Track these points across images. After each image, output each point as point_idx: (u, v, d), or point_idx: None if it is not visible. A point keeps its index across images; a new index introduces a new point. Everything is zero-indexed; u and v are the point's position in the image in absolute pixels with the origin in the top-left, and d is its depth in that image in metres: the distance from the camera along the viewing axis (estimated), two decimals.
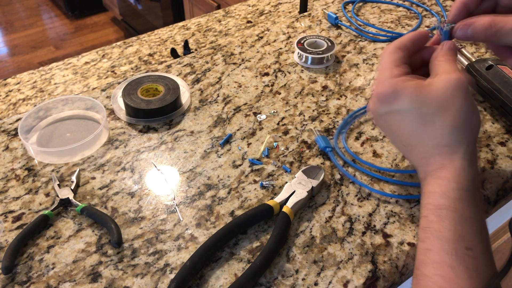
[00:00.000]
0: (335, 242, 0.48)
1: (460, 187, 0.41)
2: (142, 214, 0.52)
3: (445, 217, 0.40)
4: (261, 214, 0.50)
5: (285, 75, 0.72)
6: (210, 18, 1.11)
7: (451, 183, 0.41)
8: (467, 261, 0.38)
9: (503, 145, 0.59)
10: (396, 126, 0.46)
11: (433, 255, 0.39)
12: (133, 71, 0.94)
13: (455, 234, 0.39)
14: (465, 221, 0.40)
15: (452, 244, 0.39)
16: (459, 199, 0.41)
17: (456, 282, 0.37)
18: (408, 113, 0.44)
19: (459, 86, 0.42)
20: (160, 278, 0.45)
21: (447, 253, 0.39)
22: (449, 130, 0.42)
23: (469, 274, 0.38)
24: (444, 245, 0.39)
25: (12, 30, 3.17)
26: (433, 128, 0.43)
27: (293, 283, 0.45)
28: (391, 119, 0.46)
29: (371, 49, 0.78)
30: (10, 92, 0.91)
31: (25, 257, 0.48)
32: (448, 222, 0.40)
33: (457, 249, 0.39)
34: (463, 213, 0.40)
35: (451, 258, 0.38)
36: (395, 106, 0.44)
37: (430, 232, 0.41)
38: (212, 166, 0.57)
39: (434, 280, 0.38)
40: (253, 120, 0.64)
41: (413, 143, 0.45)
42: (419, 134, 0.44)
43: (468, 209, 0.41)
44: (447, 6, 0.89)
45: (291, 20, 0.86)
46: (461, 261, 0.38)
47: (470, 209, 0.41)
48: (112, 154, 0.59)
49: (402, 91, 0.43)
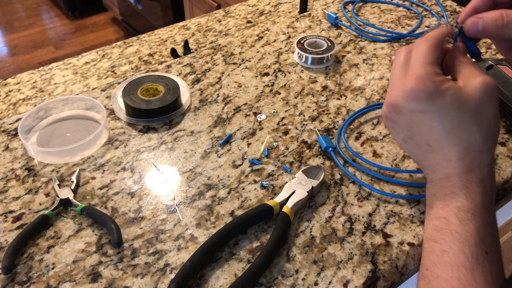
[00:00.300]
0: (335, 242, 0.48)
1: (485, 192, 0.42)
2: (142, 214, 0.52)
3: (468, 219, 0.41)
4: (261, 214, 0.50)
5: (285, 75, 0.72)
6: (210, 18, 1.11)
7: (478, 188, 0.42)
8: (484, 265, 0.38)
9: (503, 145, 0.59)
10: (427, 125, 0.44)
11: (450, 257, 0.40)
12: (133, 71, 0.94)
13: (477, 237, 0.40)
14: (486, 226, 0.41)
15: (472, 247, 0.39)
16: (483, 204, 0.41)
17: (472, 285, 0.37)
18: (447, 114, 0.43)
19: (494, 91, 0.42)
20: (160, 278, 0.45)
21: (466, 256, 0.39)
22: (483, 136, 0.43)
23: (486, 277, 0.38)
24: (465, 247, 0.39)
25: (12, 30, 3.17)
26: (469, 132, 0.43)
27: (293, 283, 0.45)
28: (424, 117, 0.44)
29: (371, 49, 0.78)
30: (10, 92, 0.91)
31: (25, 257, 0.48)
32: (472, 225, 0.40)
33: (477, 252, 0.39)
34: (486, 217, 0.41)
35: (470, 261, 0.39)
36: (434, 105, 0.43)
37: (448, 234, 0.41)
38: (212, 166, 0.57)
39: (449, 282, 0.38)
40: (253, 120, 0.64)
41: (442, 144, 0.44)
42: (452, 136, 0.43)
43: (489, 214, 0.42)
44: (447, 6, 0.89)
45: (291, 20, 0.86)
46: (479, 264, 0.38)
47: (491, 215, 0.42)
48: (112, 154, 0.59)
49: (445, 91, 0.42)
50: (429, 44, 0.45)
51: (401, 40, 0.80)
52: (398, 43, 0.79)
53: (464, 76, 0.44)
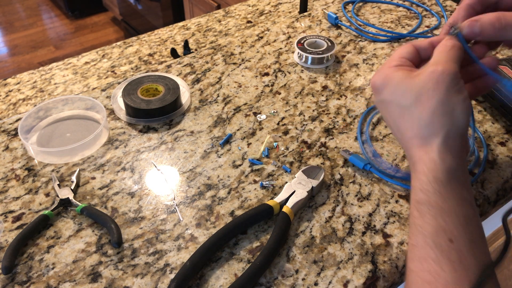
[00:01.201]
0: (335, 242, 0.48)
1: (436, 180, 0.41)
2: (142, 214, 0.52)
3: (425, 211, 0.40)
4: (261, 214, 0.50)
5: (285, 75, 0.72)
6: (210, 18, 1.11)
7: (427, 177, 0.41)
8: (450, 253, 0.38)
9: (503, 145, 0.59)
10: (385, 115, 0.46)
11: (418, 250, 0.40)
12: (133, 71, 0.94)
13: (436, 227, 0.39)
14: (445, 214, 0.40)
15: (434, 238, 0.39)
16: (436, 192, 0.40)
17: (441, 276, 0.37)
18: (391, 103, 0.44)
19: (442, 78, 0.42)
20: (160, 278, 0.45)
21: (431, 247, 0.39)
22: (425, 122, 0.42)
23: (453, 266, 0.38)
24: (427, 239, 0.39)
25: (12, 30, 3.17)
26: (411, 120, 0.43)
27: (293, 283, 0.45)
28: (382, 108, 0.46)
29: (371, 49, 0.78)
30: (10, 92, 0.91)
31: (25, 257, 0.48)
32: (429, 216, 0.40)
33: (440, 242, 0.39)
34: (442, 206, 0.40)
35: (434, 252, 0.38)
36: (382, 96, 0.45)
37: (414, 228, 0.41)
38: (212, 166, 0.57)
39: (420, 275, 0.39)
40: (253, 120, 0.64)
41: (397, 134, 0.45)
42: (399, 125, 0.44)
43: (446, 202, 0.40)
44: (447, 6, 0.89)
45: (291, 20, 0.86)
46: (444, 253, 0.38)
47: (449, 202, 0.40)
48: (112, 154, 0.59)
49: (388, 81, 0.44)
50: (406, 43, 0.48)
51: (401, 40, 0.80)
52: (398, 43, 0.79)
53: (426, 65, 0.44)
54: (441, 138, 0.42)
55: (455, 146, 0.42)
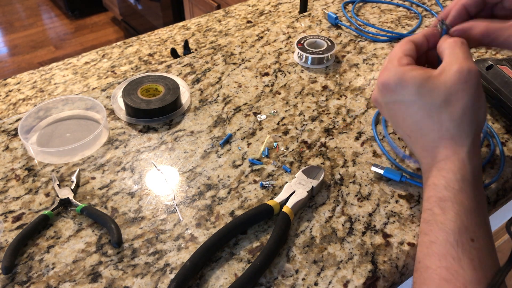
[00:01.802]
0: (335, 242, 0.48)
1: (464, 179, 0.41)
2: (142, 214, 0.52)
3: (449, 208, 0.40)
4: (261, 214, 0.50)
5: (285, 75, 0.72)
6: (210, 18, 1.11)
7: (455, 175, 0.41)
8: (471, 253, 0.38)
9: (503, 145, 0.59)
10: (401, 116, 0.45)
11: (438, 247, 0.39)
12: (133, 71, 0.94)
13: (460, 225, 0.39)
14: (468, 213, 0.40)
15: (456, 235, 0.39)
16: (463, 191, 0.41)
17: (461, 274, 0.37)
18: (414, 103, 0.43)
19: (470, 78, 0.41)
20: (160, 278, 0.45)
21: (452, 245, 0.39)
22: (456, 123, 0.42)
23: (473, 265, 0.37)
24: (449, 236, 0.39)
25: (12, 30, 3.17)
26: (439, 121, 0.42)
27: (293, 283, 0.45)
28: (396, 109, 0.45)
29: (371, 49, 0.78)
30: (10, 92, 0.91)
31: (25, 257, 0.48)
32: (453, 213, 0.40)
33: (462, 240, 0.39)
34: (467, 205, 0.40)
35: (456, 250, 0.38)
36: (400, 96, 0.44)
37: (434, 225, 0.41)
38: (212, 166, 0.57)
39: (438, 272, 0.38)
40: (253, 120, 0.64)
41: (417, 135, 0.44)
42: (423, 126, 0.43)
43: (471, 201, 0.41)
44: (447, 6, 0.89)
45: (291, 20, 0.86)
46: (465, 252, 0.38)
47: (474, 201, 0.41)
48: (112, 154, 0.59)
49: (408, 80, 0.43)
50: (404, 39, 0.47)
51: (401, 40, 0.80)
52: (398, 43, 0.79)
53: (445, 63, 0.44)
54: (471, 139, 0.42)
55: (478, 145, 0.43)
